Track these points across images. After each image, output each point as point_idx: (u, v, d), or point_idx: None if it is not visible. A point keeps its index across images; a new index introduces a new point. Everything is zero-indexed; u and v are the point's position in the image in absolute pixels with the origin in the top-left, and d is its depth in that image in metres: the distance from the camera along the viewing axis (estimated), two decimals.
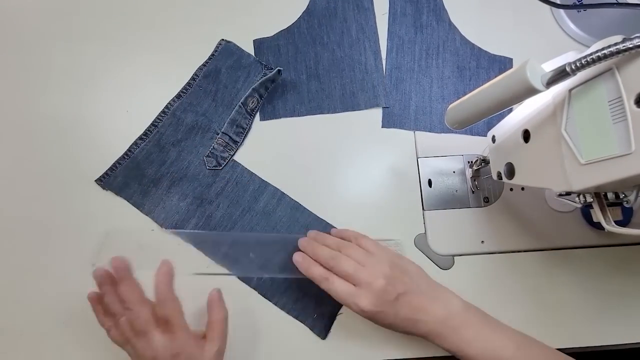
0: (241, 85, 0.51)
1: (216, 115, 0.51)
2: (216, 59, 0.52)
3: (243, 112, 0.50)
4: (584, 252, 0.47)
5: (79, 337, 0.45)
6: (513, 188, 0.48)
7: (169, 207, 0.48)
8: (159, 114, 0.50)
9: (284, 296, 0.46)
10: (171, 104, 0.51)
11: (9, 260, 0.47)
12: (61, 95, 0.51)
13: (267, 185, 0.49)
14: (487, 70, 0.53)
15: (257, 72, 0.52)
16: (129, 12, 0.54)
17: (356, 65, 0.53)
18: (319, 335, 0.45)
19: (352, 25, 0.54)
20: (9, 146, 0.50)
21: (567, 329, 0.45)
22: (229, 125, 0.50)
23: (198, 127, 0.50)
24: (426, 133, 0.51)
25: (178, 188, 0.48)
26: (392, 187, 0.49)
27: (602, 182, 0.27)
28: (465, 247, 0.47)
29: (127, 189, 0.48)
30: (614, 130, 0.25)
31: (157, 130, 0.50)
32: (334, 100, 0.51)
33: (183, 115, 0.50)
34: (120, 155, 0.49)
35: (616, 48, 0.23)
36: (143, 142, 0.49)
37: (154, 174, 0.49)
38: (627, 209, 0.44)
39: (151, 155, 0.49)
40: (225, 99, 0.51)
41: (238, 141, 0.50)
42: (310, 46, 0.53)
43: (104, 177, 0.48)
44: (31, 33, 0.54)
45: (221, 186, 0.49)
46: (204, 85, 0.51)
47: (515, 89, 0.29)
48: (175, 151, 0.50)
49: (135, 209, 0.48)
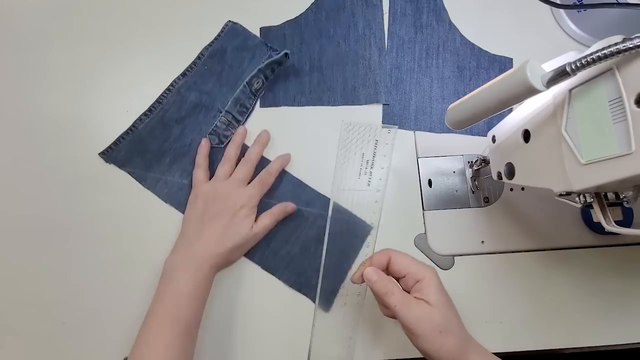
0: (246, 66, 0.52)
1: (220, 95, 0.51)
2: (222, 39, 0.53)
3: (247, 92, 0.50)
4: (584, 253, 0.47)
5: (79, 337, 0.45)
6: (513, 188, 0.48)
7: (171, 183, 0.49)
8: (164, 91, 0.51)
9: (287, 270, 0.46)
10: (176, 81, 0.51)
11: (9, 260, 0.47)
12: (60, 95, 0.51)
13: (268, 162, 0.49)
14: (487, 71, 0.53)
15: (262, 54, 0.53)
16: (130, 7, 0.54)
17: (360, 60, 0.53)
18: (322, 308, 0.45)
19: (360, 20, 0.54)
20: (7, 146, 0.50)
21: (567, 329, 0.45)
22: (233, 104, 0.50)
23: (202, 105, 0.51)
24: (426, 133, 0.51)
25: (180, 164, 0.49)
26: (392, 187, 0.49)
27: (602, 182, 0.27)
28: (465, 247, 0.47)
29: (129, 163, 0.49)
30: (614, 130, 0.25)
31: (162, 107, 0.51)
32: (334, 93, 0.52)
33: (187, 93, 0.51)
34: None
35: (616, 48, 0.23)
36: (147, 117, 0.50)
37: (157, 149, 0.50)
38: (628, 209, 0.44)
39: (155, 131, 0.50)
40: (229, 79, 0.52)
41: (241, 120, 0.50)
42: (315, 38, 0.53)
43: (108, 150, 0.49)
44: (30, 33, 0.54)
45: None
46: (209, 65, 0.52)
47: (515, 89, 0.29)
48: (179, 128, 0.50)
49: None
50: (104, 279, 0.46)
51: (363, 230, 0.46)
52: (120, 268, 0.46)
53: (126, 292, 0.46)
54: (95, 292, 0.46)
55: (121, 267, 0.46)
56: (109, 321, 0.45)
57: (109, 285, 0.46)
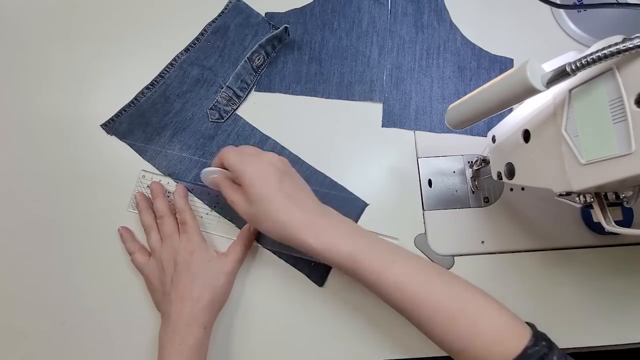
0: (248, 43, 0.53)
1: (222, 71, 0.52)
2: (225, 15, 0.54)
3: (248, 68, 0.51)
4: (584, 253, 0.47)
5: (79, 337, 0.45)
6: (513, 188, 0.48)
7: (171, 156, 0.49)
8: (167, 65, 0.52)
9: (280, 244, 0.46)
10: (179, 56, 0.52)
11: (9, 260, 0.47)
12: (60, 95, 0.51)
13: (267, 139, 0.50)
14: (487, 71, 0.53)
15: (265, 32, 0.53)
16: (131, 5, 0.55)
17: (359, 56, 0.53)
18: (316, 282, 0.45)
19: (365, 16, 0.54)
20: (7, 146, 0.50)
21: (567, 329, 0.45)
22: (234, 80, 0.50)
23: (203, 80, 0.51)
24: (426, 133, 0.51)
25: (180, 138, 0.50)
26: (392, 187, 0.49)
27: (602, 182, 0.27)
28: (465, 247, 0.47)
29: (131, 135, 0.50)
30: (614, 130, 0.25)
31: (164, 81, 0.51)
32: (329, 86, 0.52)
33: (190, 68, 0.52)
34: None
35: (616, 48, 0.23)
36: (149, 91, 0.51)
37: (158, 122, 0.50)
38: (628, 209, 0.44)
39: (156, 105, 0.51)
40: (232, 55, 0.52)
41: (242, 96, 0.51)
42: (318, 29, 0.54)
43: (110, 122, 0.50)
44: (30, 33, 0.54)
45: (223, 139, 0.50)
46: (211, 41, 0.53)
47: (515, 89, 0.29)
48: (180, 102, 0.51)
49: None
50: (104, 279, 0.46)
51: (359, 206, 0.47)
52: (121, 268, 0.46)
53: (126, 292, 0.46)
54: (95, 292, 0.46)
55: (122, 267, 0.46)
56: (109, 321, 0.45)
57: (109, 285, 0.46)
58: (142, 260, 0.44)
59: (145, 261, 0.44)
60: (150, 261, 0.44)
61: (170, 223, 0.44)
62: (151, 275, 0.43)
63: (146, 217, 0.46)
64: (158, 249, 0.44)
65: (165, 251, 0.43)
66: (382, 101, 0.51)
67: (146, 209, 0.46)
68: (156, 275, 0.43)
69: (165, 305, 0.41)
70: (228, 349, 0.44)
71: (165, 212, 0.45)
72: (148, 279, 0.44)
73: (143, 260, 0.44)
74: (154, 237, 0.45)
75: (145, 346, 0.44)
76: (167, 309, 0.41)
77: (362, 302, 0.45)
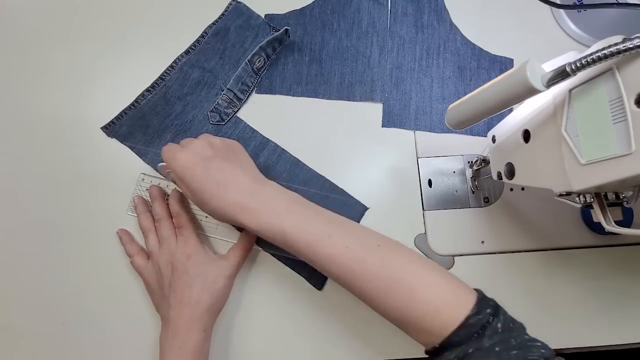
0: (249, 45, 0.53)
1: (222, 73, 0.52)
2: (226, 18, 0.53)
3: (249, 70, 0.51)
4: (584, 253, 0.47)
5: (79, 337, 0.45)
6: (513, 188, 0.48)
7: None
8: (167, 68, 0.52)
9: (280, 248, 0.46)
10: (179, 59, 0.52)
11: (9, 260, 0.47)
12: (60, 95, 0.51)
13: (268, 142, 0.50)
14: (487, 71, 0.53)
15: (265, 33, 0.53)
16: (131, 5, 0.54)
17: (360, 57, 0.53)
18: (315, 286, 0.46)
19: (365, 17, 0.54)
20: (7, 146, 0.50)
21: (567, 329, 0.45)
22: (234, 82, 0.50)
23: (204, 82, 0.51)
24: (426, 133, 0.51)
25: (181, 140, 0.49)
26: (392, 187, 0.49)
27: (602, 182, 0.27)
28: (465, 247, 0.47)
29: (131, 138, 0.50)
30: (614, 130, 0.25)
31: (164, 84, 0.51)
32: (330, 87, 0.52)
33: (190, 71, 0.52)
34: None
35: (616, 48, 0.23)
36: (150, 93, 0.51)
37: (159, 125, 0.50)
38: (628, 209, 0.44)
39: (157, 107, 0.50)
40: (232, 58, 0.52)
41: (242, 98, 0.51)
42: (318, 30, 0.54)
43: (110, 125, 0.50)
44: (30, 33, 0.54)
45: None
46: (212, 43, 0.53)
47: (515, 89, 0.29)
48: (181, 105, 0.51)
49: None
50: (104, 280, 0.46)
51: (359, 210, 0.47)
52: (121, 269, 0.46)
53: (126, 292, 0.46)
54: (95, 293, 0.46)
55: (121, 267, 0.46)
56: (109, 321, 0.45)
57: (109, 286, 0.46)
58: (141, 263, 0.44)
59: (143, 264, 0.44)
60: (148, 264, 0.44)
61: (168, 226, 0.45)
62: (149, 278, 0.43)
63: (144, 220, 0.46)
64: (156, 252, 0.44)
65: (163, 254, 0.43)
66: (382, 101, 0.51)
67: (145, 212, 0.46)
68: (154, 278, 0.43)
69: (164, 309, 0.41)
70: (227, 351, 0.44)
71: (163, 215, 0.45)
72: (146, 281, 0.44)
73: (142, 263, 0.44)
74: (152, 240, 0.45)
75: (145, 347, 0.44)
76: (166, 313, 0.41)
77: (360, 305, 0.44)
